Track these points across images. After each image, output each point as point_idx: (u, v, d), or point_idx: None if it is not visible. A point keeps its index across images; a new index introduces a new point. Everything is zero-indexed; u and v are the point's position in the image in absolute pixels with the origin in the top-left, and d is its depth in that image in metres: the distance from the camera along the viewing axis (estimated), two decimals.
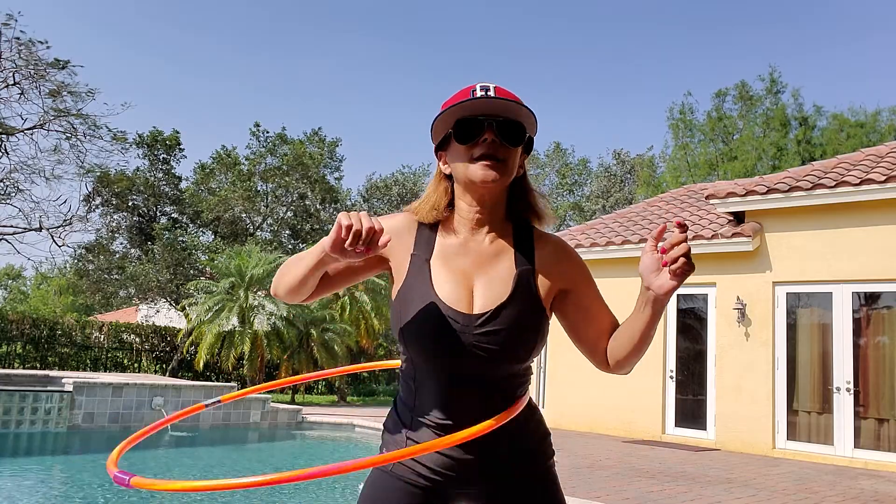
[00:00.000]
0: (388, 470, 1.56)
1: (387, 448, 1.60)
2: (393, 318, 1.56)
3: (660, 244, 1.35)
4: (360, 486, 1.62)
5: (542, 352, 12.71)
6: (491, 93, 1.47)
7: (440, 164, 1.59)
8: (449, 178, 1.59)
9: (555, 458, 1.63)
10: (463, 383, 1.49)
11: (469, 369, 1.48)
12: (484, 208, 1.55)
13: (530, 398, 1.61)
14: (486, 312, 1.48)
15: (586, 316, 1.57)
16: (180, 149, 26.58)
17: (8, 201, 20.26)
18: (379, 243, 1.33)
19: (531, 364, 1.59)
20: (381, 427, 1.67)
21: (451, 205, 1.60)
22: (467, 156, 1.48)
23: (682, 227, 1.31)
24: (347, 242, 1.32)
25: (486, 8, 55.41)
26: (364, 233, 1.31)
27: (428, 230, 1.59)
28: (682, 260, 1.31)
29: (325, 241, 1.37)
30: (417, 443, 1.52)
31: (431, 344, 1.48)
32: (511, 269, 1.53)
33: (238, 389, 12.34)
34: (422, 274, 1.53)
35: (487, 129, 1.47)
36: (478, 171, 1.47)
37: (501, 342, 1.46)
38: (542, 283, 1.55)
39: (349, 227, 1.31)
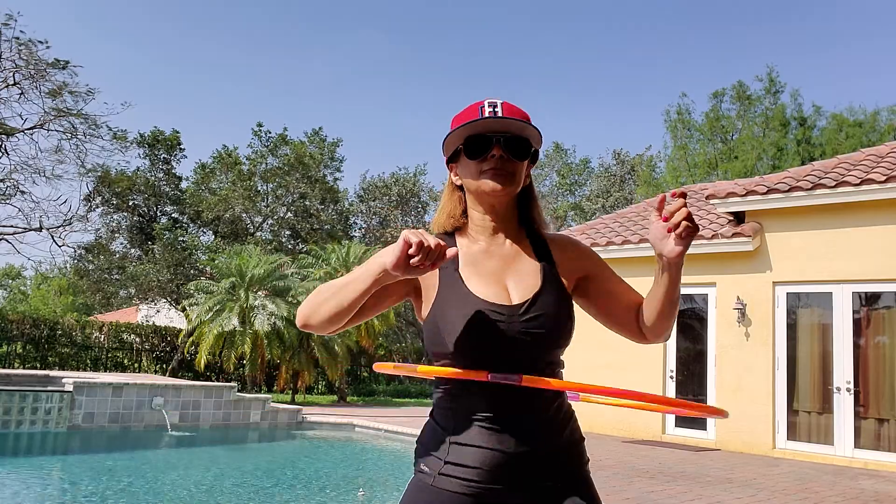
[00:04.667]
0: (430, 483, 1.53)
1: (424, 462, 1.56)
2: (429, 333, 1.56)
3: (663, 213, 1.45)
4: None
5: None
6: (498, 109, 1.57)
7: (452, 175, 1.69)
8: (460, 189, 1.69)
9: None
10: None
11: (515, 358, 1.52)
12: (497, 217, 1.64)
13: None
14: (527, 301, 1.56)
15: (610, 296, 1.66)
16: (181, 149, 26.59)
17: (8, 201, 20.27)
18: (447, 255, 1.38)
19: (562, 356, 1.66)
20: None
21: (465, 213, 1.69)
22: (477, 170, 1.58)
23: (682, 195, 1.41)
24: (416, 259, 1.35)
25: (485, 8, 55.43)
26: (434, 248, 1.35)
27: (447, 240, 1.66)
28: (684, 223, 1.40)
29: (387, 260, 1.39)
30: (462, 445, 1.51)
31: (483, 340, 1.51)
32: (535, 265, 1.63)
33: (238, 389, 12.33)
34: (455, 283, 1.57)
35: (495, 145, 1.56)
36: (487, 183, 1.57)
37: (546, 326, 1.54)
38: (563, 275, 1.65)
39: (420, 244, 1.34)
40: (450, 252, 1.38)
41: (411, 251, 1.35)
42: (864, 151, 10.68)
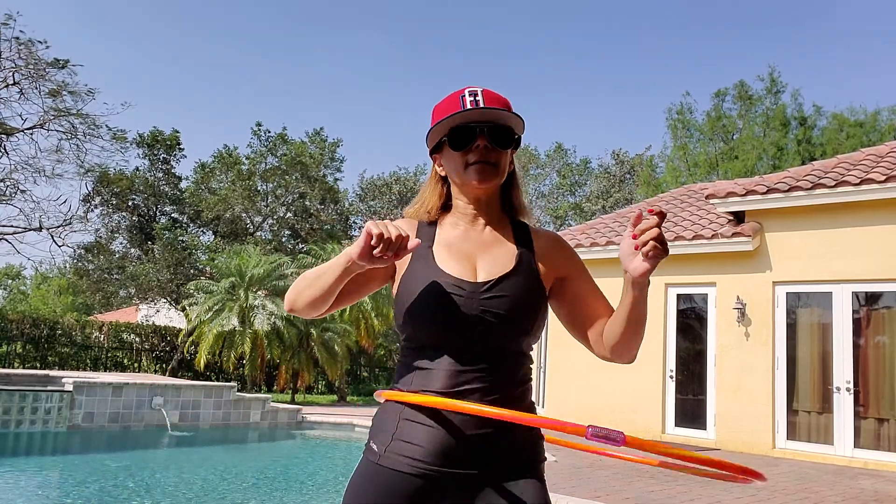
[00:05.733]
0: (376, 461, 1.51)
1: (374, 437, 1.55)
2: (396, 304, 1.58)
3: (635, 230, 1.41)
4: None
5: (542, 352, 12.72)
6: (479, 98, 1.55)
7: (436, 166, 1.68)
8: (444, 179, 1.68)
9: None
10: (469, 354, 1.50)
11: (477, 339, 1.50)
12: (479, 205, 1.64)
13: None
14: (491, 280, 1.54)
15: (581, 302, 1.62)
16: (180, 149, 26.59)
17: (9, 202, 20.26)
18: (408, 247, 1.40)
19: (532, 353, 1.62)
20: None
21: (444, 207, 1.69)
22: (462, 161, 1.57)
23: (659, 215, 1.37)
24: (378, 250, 1.38)
25: (485, 8, 55.43)
26: (394, 239, 1.37)
27: (427, 226, 1.66)
28: (651, 243, 1.36)
29: (352, 251, 1.43)
30: (412, 421, 1.49)
31: (440, 313, 1.50)
32: (512, 251, 1.61)
33: (238, 389, 12.33)
34: (425, 258, 1.58)
35: (479, 135, 1.55)
36: (473, 175, 1.56)
37: (507, 308, 1.51)
38: (541, 268, 1.61)
39: (380, 236, 1.37)
40: (411, 243, 1.40)
41: (373, 242, 1.38)
42: (864, 151, 10.68)
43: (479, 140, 1.54)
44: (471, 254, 1.59)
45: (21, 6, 35.99)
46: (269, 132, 27.11)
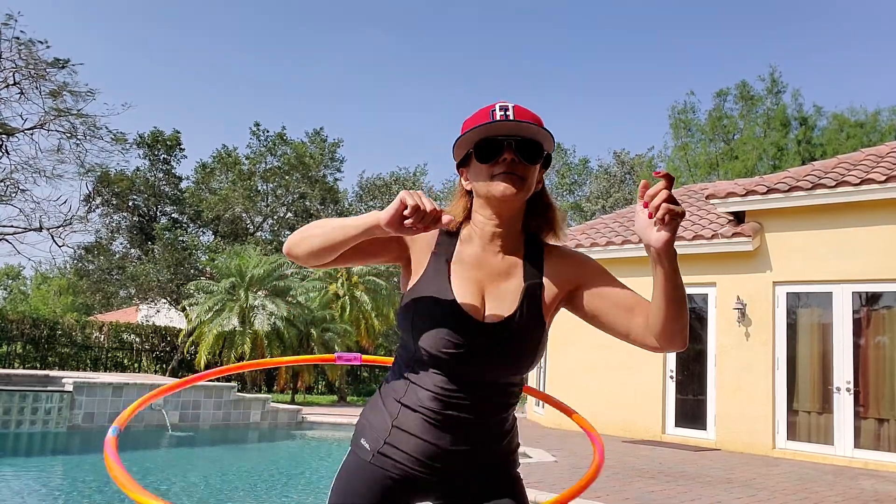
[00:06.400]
0: (368, 460, 1.59)
1: (365, 435, 1.62)
2: (404, 307, 1.60)
3: (644, 198, 1.37)
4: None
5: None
6: (510, 113, 1.54)
7: (461, 179, 1.67)
8: (469, 194, 1.67)
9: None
10: (462, 383, 1.54)
11: (471, 371, 1.54)
12: (502, 222, 1.61)
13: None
14: (494, 322, 1.55)
15: (604, 300, 1.60)
16: (181, 149, 26.59)
17: (9, 202, 20.26)
18: (442, 221, 1.41)
19: (526, 376, 1.66)
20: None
21: (465, 220, 1.69)
22: (488, 174, 1.55)
23: (666, 178, 1.34)
24: (411, 221, 1.38)
25: (486, 8, 55.43)
26: (428, 211, 1.38)
27: (447, 235, 1.66)
28: (664, 206, 1.33)
29: (382, 216, 1.42)
30: (403, 430, 1.56)
31: (442, 340, 1.52)
32: (520, 284, 1.60)
33: (238, 389, 12.32)
34: (441, 273, 1.59)
35: (507, 148, 1.53)
36: (498, 187, 1.54)
37: (506, 350, 1.54)
38: (549, 292, 1.62)
39: (415, 207, 1.37)
40: (444, 218, 1.40)
41: (406, 212, 1.38)
42: (864, 151, 10.68)
43: (505, 153, 1.53)
44: (481, 284, 1.59)
45: (21, 6, 35.96)
46: (268, 132, 27.14)
